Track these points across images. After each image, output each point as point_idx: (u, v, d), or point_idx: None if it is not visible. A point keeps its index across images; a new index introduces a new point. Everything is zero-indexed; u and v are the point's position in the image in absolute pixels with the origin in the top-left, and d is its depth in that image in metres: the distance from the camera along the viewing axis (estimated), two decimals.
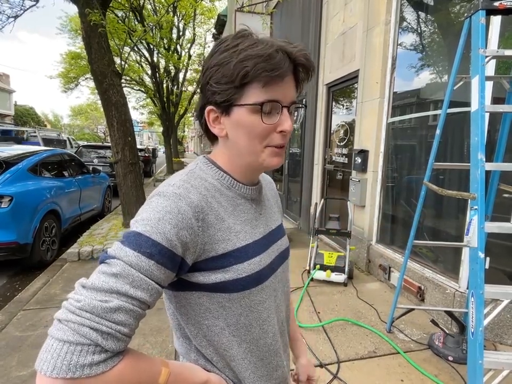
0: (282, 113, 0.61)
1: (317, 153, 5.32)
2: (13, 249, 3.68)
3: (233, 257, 0.62)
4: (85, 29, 4.59)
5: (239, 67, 0.57)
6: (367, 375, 2.14)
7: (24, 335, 2.51)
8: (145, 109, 21.74)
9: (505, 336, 2.45)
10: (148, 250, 0.51)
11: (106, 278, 0.49)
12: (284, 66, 0.58)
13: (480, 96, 1.58)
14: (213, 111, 0.64)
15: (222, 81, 0.60)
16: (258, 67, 0.56)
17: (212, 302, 0.62)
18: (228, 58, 0.58)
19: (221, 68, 0.59)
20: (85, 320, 0.46)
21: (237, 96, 0.60)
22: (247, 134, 0.62)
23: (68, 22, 14.66)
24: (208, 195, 0.62)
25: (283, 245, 0.78)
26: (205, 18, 14.53)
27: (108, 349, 0.47)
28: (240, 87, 0.59)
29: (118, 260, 0.51)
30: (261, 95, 0.59)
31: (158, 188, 0.60)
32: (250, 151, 0.63)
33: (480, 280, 1.47)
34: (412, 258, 3.13)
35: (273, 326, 0.70)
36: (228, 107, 0.61)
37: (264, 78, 0.58)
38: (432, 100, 3.30)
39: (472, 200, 1.56)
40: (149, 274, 0.51)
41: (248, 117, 0.60)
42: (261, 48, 0.57)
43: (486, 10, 1.64)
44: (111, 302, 0.47)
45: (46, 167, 4.77)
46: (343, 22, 4.45)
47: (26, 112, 36.33)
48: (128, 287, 0.49)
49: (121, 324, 0.48)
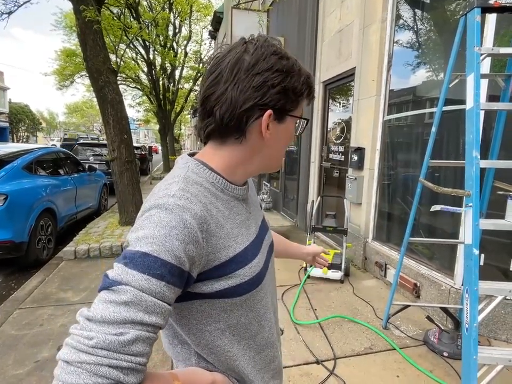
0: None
1: (314, 151, 5.33)
2: (9, 248, 3.66)
3: (235, 263, 0.61)
4: (80, 26, 4.55)
5: (306, 84, 0.64)
6: (363, 371, 2.16)
7: (20, 333, 2.50)
8: (142, 107, 21.61)
9: (499, 331, 2.48)
10: (158, 272, 0.48)
11: (117, 308, 0.45)
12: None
13: (475, 93, 1.58)
14: (271, 116, 0.62)
15: (293, 91, 0.63)
16: (312, 89, 0.67)
17: (213, 308, 0.61)
18: (292, 69, 0.62)
19: (290, 78, 0.61)
20: (102, 359, 0.42)
21: (294, 107, 0.65)
22: (285, 141, 0.68)
23: (63, 18, 14.50)
24: (207, 202, 0.60)
25: (269, 238, 0.79)
26: (201, 15, 14.45)
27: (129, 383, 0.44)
28: (300, 100, 0.66)
29: (126, 285, 0.46)
30: (301, 110, 0.68)
31: (156, 199, 0.55)
32: (280, 155, 0.71)
33: (475, 276, 1.48)
34: (407, 256, 3.15)
35: (269, 320, 0.72)
36: (285, 114, 0.64)
37: (309, 98, 0.68)
38: (428, 98, 3.31)
39: (467, 197, 1.57)
40: (160, 296, 0.48)
41: (292, 126, 0.67)
42: (307, 71, 0.66)
43: (481, 8, 1.65)
44: (127, 334, 0.44)
45: (41, 165, 4.73)
46: (340, 19, 4.45)
47: (21, 109, 36.00)
48: (142, 314, 0.46)
49: (140, 354, 0.45)
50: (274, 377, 0.76)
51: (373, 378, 2.10)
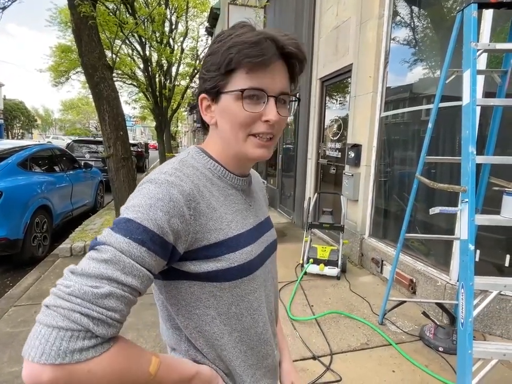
0: (268, 103, 0.60)
1: (311, 147, 5.33)
2: (4, 245, 3.63)
3: (225, 247, 0.62)
4: (75, 21, 4.50)
5: (225, 54, 0.58)
6: (360, 367, 2.17)
7: (16, 331, 2.49)
8: (138, 104, 21.43)
9: (494, 326, 2.50)
10: (139, 237, 0.50)
11: (97, 264, 0.48)
12: (268, 53, 0.57)
13: (471, 89, 1.59)
14: (205, 99, 0.65)
15: (211, 68, 0.62)
16: (242, 53, 0.57)
17: (202, 291, 0.62)
18: (219, 47, 0.60)
19: (212, 57, 0.61)
20: (75, 305, 0.45)
21: (223, 83, 0.61)
22: (231, 122, 0.62)
23: (58, 14, 14.33)
24: (200, 184, 0.62)
25: (271, 236, 0.78)
26: (197, 12, 14.32)
27: (99, 335, 0.46)
28: (226, 74, 0.60)
29: (108, 246, 0.50)
30: (245, 82, 0.59)
31: (149, 175, 0.59)
32: (234, 139, 0.63)
33: (470, 272, 1.49)
34: (403, 252, 3.17)
35: (263, 316, 0.71)
36: (216, 94, 0.62)
37: (247, 65, 0.58)
38: (425, 95, 3.31)
39: (463, 193, 1.58)
40: (140, 261, 0.50)
41: (233, 104, 0.60)
42: (248, 36, 0.58)
43: (478, 3, 1.65)
44: (102, 288, 0.46)
45: (37, 162, 4.70)
46: (337, 15, 4.44)
47: (15, 106, 35.69)
48: (119, 273, 0.48)
49: (112, 309, 0.47)
50: (266, 376, 0.75)
51: (369, 373, 2.11)
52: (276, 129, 0.63)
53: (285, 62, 0.62)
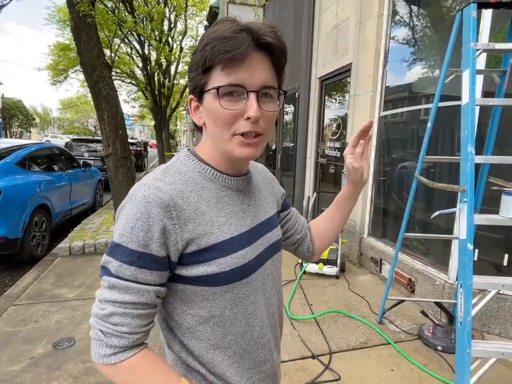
0: (248, 99, 0.57)
1: (310, 147, 5.33)
2: (2, 244, 3.63)
3: (216, 251, 0.61)
4: (74, 20, 4.49)
5: (202, 52, 0.57)
6: (359, 366, 2.18)
7: (15, 330, 2.48)
8: (137, 102, 21.41)
9: (492, 325, 2.51)
10: (128, 259, 0.56)
11: (104, 291, 0.59)
12: (241, 46, 0.54)
13: (470, 89, 1.59)
14: (193, 100, 0.64)
15: (192, 68, 0.61)
16: (215, 50, 0.54)
17: (195, 294, 0.62)
18: (198, 45, 0.59)
19: (194, 56, 0.60)
20: (94, 323, 0.59)
21: (203, 82, 0.59)
22: (214, 121, 0.60)
23: (56, 12, 14.27)
24: (185, 190, 0.61)
25: (274, 237, 0.75)
26: (196, 10, 14.30)
27: (112, 345, 0.57)
28: (204, 73, 0.58)
29: (107, 276, 0.59)
30: (222, 79, 0.56)
31: (133, 187, 0.61)
32: (219, 139, 0.61)
33: (469, 271, 1.49)
34: (402, 251, 3.17)
35: (260, 320, 0.69)
36: (200, 94, 0.61)
37: (221, 61, 0.55)
38: (424, 94, 3.31)
39: (462, 193, 1.58)
40: (133, 279, 0.57)
41: (213, 102, 0.58)
42: (222, 31, 0.55)
43: (477, 3, 1.65)
44: (106, 309, 0.58)
45: (35, 161, 4.69)
46: (336, 14, 4.43)
47: (14, 105, 35.57)
48: (117, 295, 0.57)
49: (118, 324, 0.57)
50: (265, 381, 0.74)
51: (368, 372, 2.12)
52: (262, 126, 0.59)
53: (266, 54, 0.58)
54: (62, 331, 2.48)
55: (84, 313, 2.74)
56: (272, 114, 0.61)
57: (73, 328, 2.53)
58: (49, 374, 2.05)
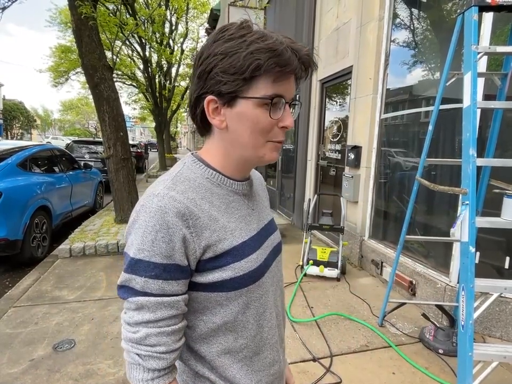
0: (285, 109, 0.61)
1: (311, 149, 5.33)
2: (3, 246, 3.63)
3: (231, 256, 0.61)
4: (75, 22, 4.51)
5: (251, 59, 0.55)
6: (360, 369, 2.17)
7: (15, 332, 2.48)
8: (138, 104, 21.45)
9: (494, 328, 2.50)
10: (153, 273, 0.56)
11: (131, 313, 0.59)
12: (294, 63, 0.57)
13: (472, 92, 1.59)
14: (213, 101, 0.61)
15: (229, 71, 0.57)
16: (271, 61, 0.55)
17: (209, 301, 0.62)
18: (236, 48, 0.56)
19: (228, 58, 0.56)
20: (129, 347, 0.59)
21: (244, 88, 0.58)
22: (251, 127, 0.60)
23: (58, 14, 14.36)
24: (197, 197, 0.61)
25: (275, 239, 0.77)
26: (197, 13, 14.36)
27: (151, 368, 0.58)
28: (249, 80, 0.57)
29: (132, 297, 0.58)
30: (269, 90, 0.58)
31: (143, 198, 0.59)
32: (252, 144, 0.62)
33: (471, 274, 1.49)
34: (403, 253, 3.17)
35: (269, 321, 0.70)
36: (233, 98, 0.59)
37: (275, 73, 0.57)
38: (425, 97, 3.32)
39: (463, 195, 1.58)
40: (160, 292, 0.57)
41: (254, 110, 0.59)
42: (271, 43, 0.56)
43: (478, 6, 1.65)
44: (139, 332, 0.58)
45: (36, 163, 4.69)
46: (337, 17, 4.45)
47: (15, 106, 35.68)
48: (148, 315, 0.57)
49: (156, 345, 0.58)
50: (273, 383, 0.74)
51: (369, 375, 2.11)
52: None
53: None
54: (62, 333, 2.48)
55: (84, 315, 2.74)
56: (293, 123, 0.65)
57: (74, 330, 2.53)
58: (49, 376, 2.04)
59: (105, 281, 3.38)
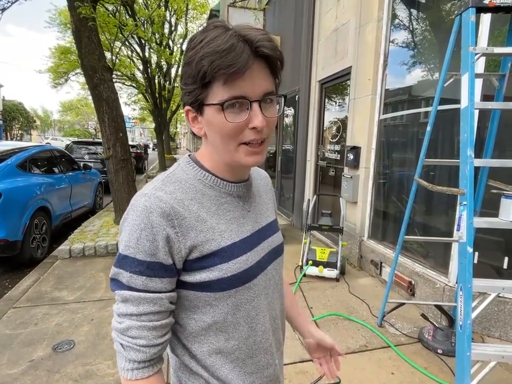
0: (252, 109, 0.57)
1: (310, 149, 5.34)
2: (3, 247, 3.63)
3: (218, 257, 0.62)
4: (75, 23, 4.51)
5: (199, 66, 0.55)
6: (359, 369, 2.17)
7: (14, 333, 2.48)
8: (137, 105, 21.48)
9: (492, 328, 2.51)
10: (137, 269, 0.58)
11: (120, 305, 0.61)
12: (242, 59, 0.53)
13: (469, 93, 1.60)
14: (190, 111, 0.63)
15: (188, 81, 0.58)
16: (214, 65, 0.53)
17: (198, 300, 0.63)
18: (193, 56, 0.56)
19: (187, 67, 0.57)
20: (115, 336, 0.62)
21: (203, 96, 0.58)
22: (219, 133, 0.60)
23: (57, 15, 14.35)
24: (186, 198, 0.62)
25: (275, 241, 0.76)
26: (197, 13, 14.37)
27: (131, 359, 0.60)
28: (204, 87, 0.57)
29: (119, 290, 0.60)
30: (224, 93, 0.56)
31: (134, 196, 0.62)
32: (224, 150, 0.61)
33: (469, 274, 1.50)
34: (402, 254, 3.17)
35: (262, 324, 0.70)
36: (200, 106, 0.60)
37: (222, 76, 0.54)
38: (424, 97, 3.33)
39: (461, 196, 1.58)
40: (144, 288, 0.58)
41: (216, 116, 0.58)
42: (218, 43, 0.53)
43: (476, 7, 1.66)
44: (123, 323, 0.60)
45: (36, 163, 4.69)
46: (336, 18, 4.46)
47: (14, 107, 35.64)
48: (132, 308, 0.59)
49: (137, 338, 0.59)
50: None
51: (368, 375, 2.11)
52: (265, 132, 0.60)
53: (264, 62, 0.58)
54: (62, 334, 2.48)
55: (84, 316, 2.74)
56: (274, 120, 0.61)
57: (73, 330, 2.53)
58: (48, 377, 2.04)
59: (104, 282, 3.39)
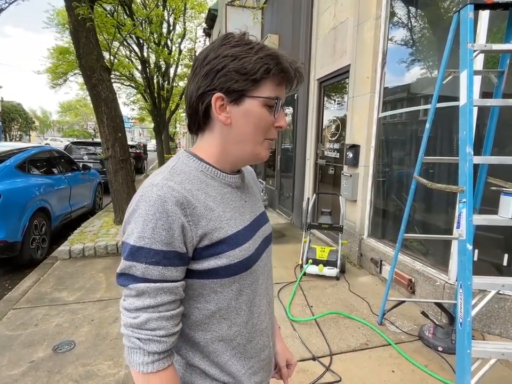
0: (281, 111, 0.68)
1: (309, 148, 5.33)
2: (2, 248, 3.62)
3: (226, 244, 0.65)
4: (73, 23, 4.50)
5: (261, 63, 0.62)
6: (359, 367, 2.17)
7: (15, 334, 2.48)
8: (136, 105, 21.44)
9: (492, 326, 2.51)
10: (153, 259, 0.58)
11: (132, 300, 0.61)
12: (292, 72, 0.66)
13: (468, 90, 1.59)
14: (220, 99, 0.65)
15: (241, 71, 0.63)
16: (278, 67, 0.63)
17: (203, 288, 0.66)
18: (245, 53, 0.63)
19: (238, 60, 0.63)
20: (130, 333, 0.61)
21: (252, 88, 0.64)
22: (255, 125, 0.66)
23: (55, 15, 14.32)
24: (193, 188, 0.64)
25: (267, 230, 0.82)
26: (195, 13, 14.34)
27: (151, 351, 0.60)
28: (258, 81, 0.64)
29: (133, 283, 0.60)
30: (273, 92, 0.65)
31: (142, 189, 0.62)
32: (253, 140, 0.68)
33: (469, 271, 1.50)
34: (402, 252, 3.18)
35: (258, 307, 0.74)
36: (240, 96, 0.64)
37: (279, 78, 0.65)
38: (422, 95, 3.32)
39: (461, 193, 1.58)
40: (161, 278, 0.59)
41: (259, 108, 0.65)
42: (275, 52, 0.65)
43: (474, 4, 1.66)
44: (139, 317, 0.60)
45: (35, 164, 4.69)
46: (334, 16, 4.45)
47: (13, 108, 35.63)
48: (148, 300, 0.60)
49: (156, 329, 0.60)
50: (264, 369, 0.78)
51: (369, 373, 2.11)
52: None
53: None
54: (62, 334, 2.48)
55: (84, 317, 2.74)
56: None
57: (73, 331, 2.53)
58: (49, 377, 2.04)
59: (104, 282, 3.39)
